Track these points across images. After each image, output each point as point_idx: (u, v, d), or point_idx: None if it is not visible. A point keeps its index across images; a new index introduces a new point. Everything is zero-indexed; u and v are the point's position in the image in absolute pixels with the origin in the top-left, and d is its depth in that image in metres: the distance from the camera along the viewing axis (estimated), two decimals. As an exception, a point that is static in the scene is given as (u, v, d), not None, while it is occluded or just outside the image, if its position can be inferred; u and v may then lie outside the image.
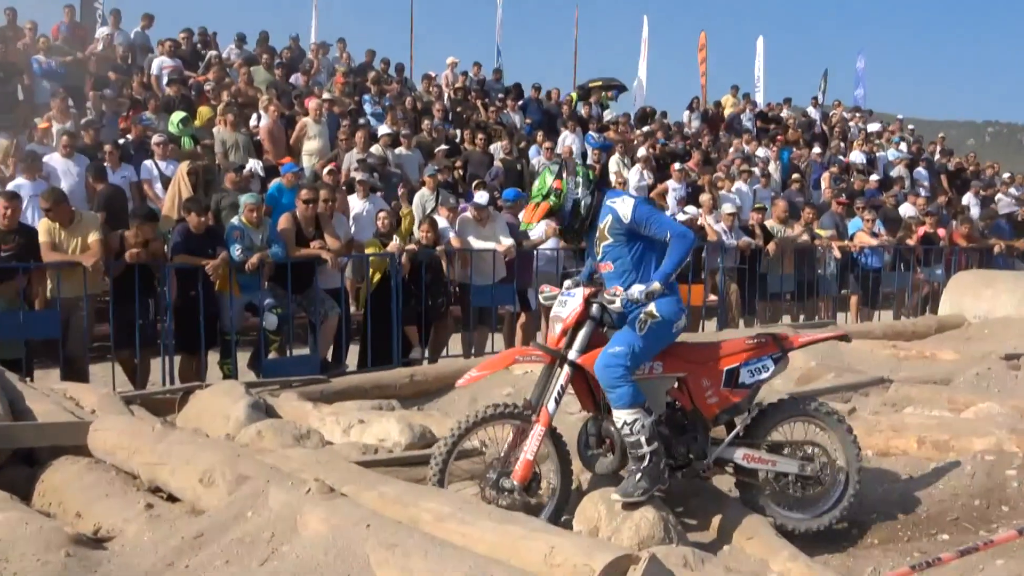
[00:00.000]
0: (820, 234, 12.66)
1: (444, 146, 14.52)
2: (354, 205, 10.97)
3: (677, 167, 15.13)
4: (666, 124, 19.86)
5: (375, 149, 13.15)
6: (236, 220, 8.62)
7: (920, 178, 19.74)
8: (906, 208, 15.69)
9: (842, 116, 23.61)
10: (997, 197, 19.17)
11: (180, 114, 12.69)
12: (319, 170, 12.01)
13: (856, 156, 19.85)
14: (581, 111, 18.85)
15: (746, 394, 4.84)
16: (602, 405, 4.69)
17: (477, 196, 10.51)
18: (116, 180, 10.71)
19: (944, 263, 13.52)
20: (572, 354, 4.65)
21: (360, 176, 11.29)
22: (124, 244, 8.08)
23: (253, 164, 11.58)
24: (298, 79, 16.30)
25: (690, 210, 12.05)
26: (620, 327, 4.67)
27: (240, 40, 17.34)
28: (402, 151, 13.72)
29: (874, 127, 23.18)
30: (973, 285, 11.09)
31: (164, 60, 15.03)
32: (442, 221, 10.08)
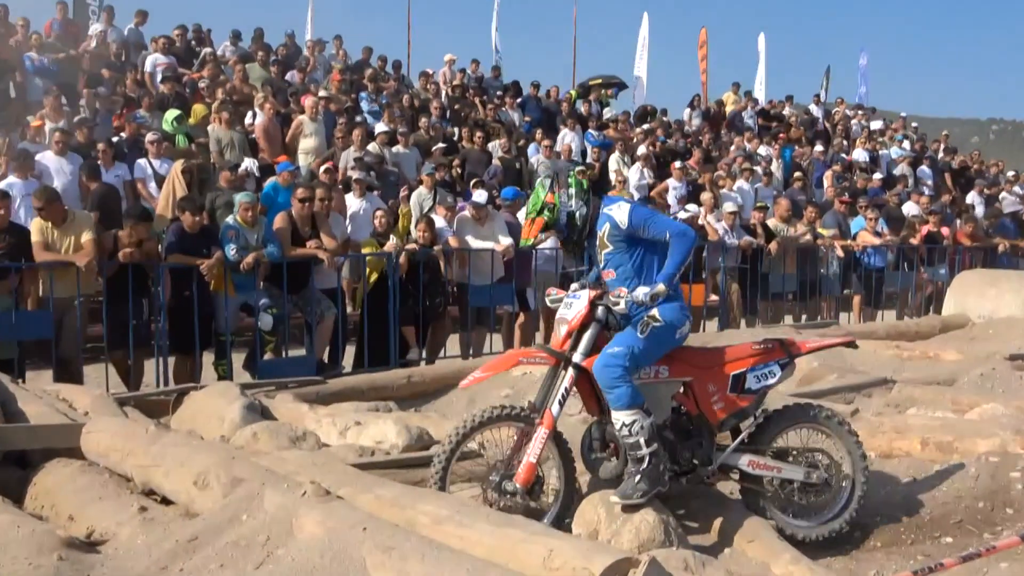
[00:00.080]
0: (823, 233, 12.67)
1: (441, 144, 14.52)
2: (350, 204, 10.98)
3: (677, 165, 15.14)
4: (666, 122, 19.87)
5: (372, 147, 13.15)
6: (231, 219, 8.61)
7: (924, 176, 19.75)
8: (909, 207, 15.70)
9: (845, 114, 23.62)
10: (1001, 195, 19.17)
11: (174, 112, 12.69)
12: (315, 169, 12.01)
13: (859, 154, 19.85)
14: (580, 109, 18.86)
15: (752, 400, 4.84)
16: (606, 409, 4.70)
17: (476, 195, 10.51)
18: (109, 179, 10.71)
19: (948, 262, 13.52)
20: (577, 356, 4.66)
21: (357, 175, 11.29)
22: (118, 244, 8.08)
23: (248, 163, 11.58)
24: (294, 76, 16.31)
25: (691, 208, 12.05)
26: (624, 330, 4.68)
27: (235, 37, 17.33)
28: (399, 149, 13.73)
29: (877, 125, 23.20)
30: (977, 285, 11.09)
31: (158, 57, 15.01)
32: (440, 220, 10.08)
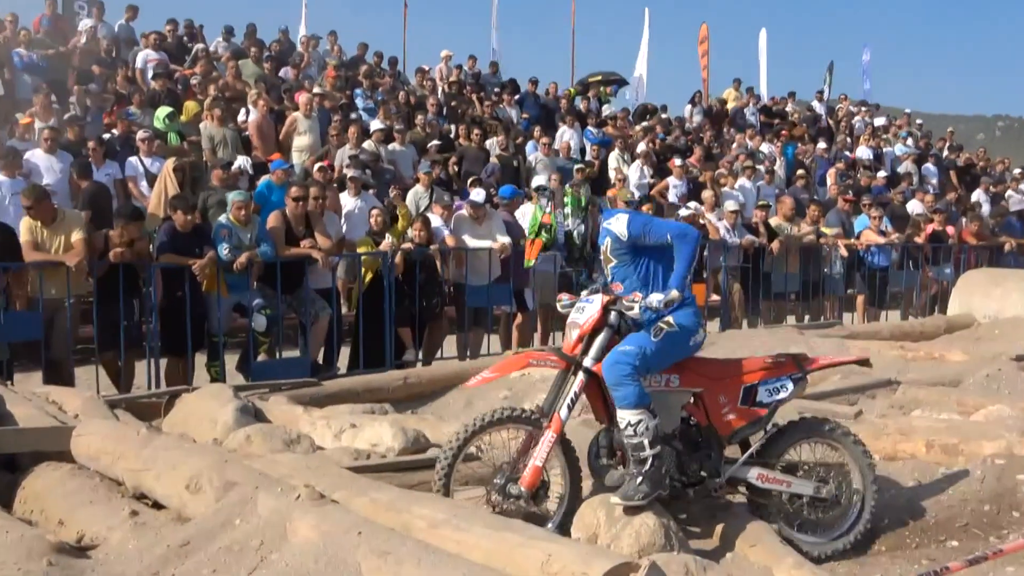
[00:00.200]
0: (825, 232, 12.68)
1: (436, 141, 14.51)
2: (345, 203, 10.95)
3: (678, 163, 15.14)
4: (666, 119, 19.88)
5: (367, 145, 13.15)
6: (224, 218, 8.61)
7: (928, 174, 19.77)
8: (914, 205, 15.72)
9: (848, 110, 23.64)
10: (1008, 193, 19.20)
11: (166, 109, 12.69)
12: (309, 167, 12.01)
13: (863, 152, 19.87)
14: (579, 106, 18.86)
15: (764, 413, 4.86)
16: (614, 415, 4.70)
17: (473, 194, 10.49)
18: (100, 177, 10.71)
19: (953, 262, 13.54)
20: (588, 361, 4.67)
21: (352, 173, 11.29)
22: (108, 243, 8.07)
23: (241, 160, 11.57)
24: (288, 73, 16.30)
25: (692, 205, 12.06)
26: None
27: (228, 33, 17.34)
28: (395, 147, 13.73)
29: (880, 121, 23.22)
30: (983, 284, 11.10)
31: (149, 53, 15.02)
32: (436, 219, 10.08)
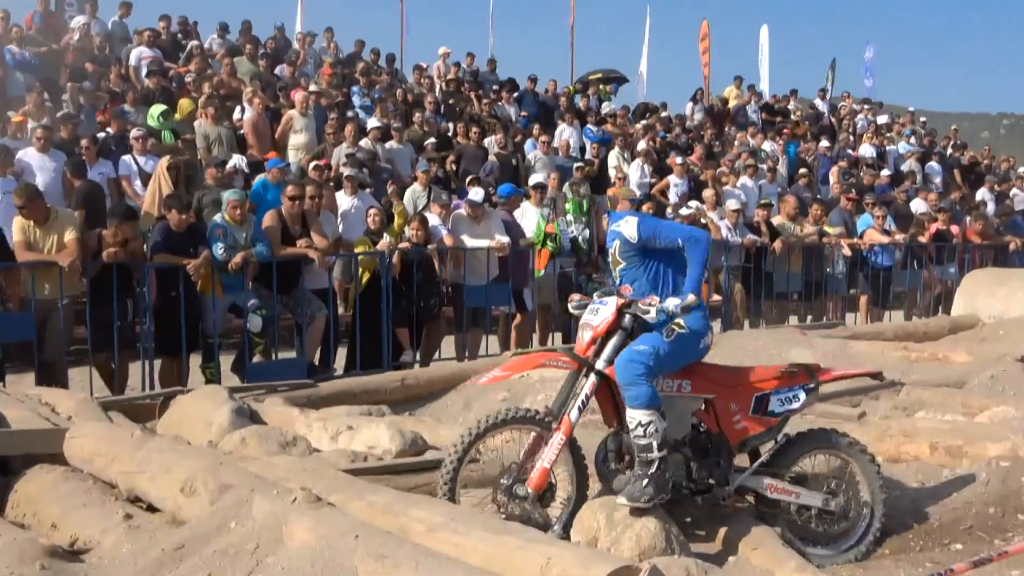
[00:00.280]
0: (828, 231, 12.68)
1: (432, 139, 14.51)
2: (342, 202, 10.95)
3: (678, 161, 15.13)
4: (667, 117, 19.89)
5: (364, 143, 13.14)
6: (219, 218, 8.60)
7: (932, 173, 19.79)
8: (918, 204, 15.72)
9: (851, 108, 23.65)
10: (1013, 192, 19.22)
11: (160, 107, 12.67)
12: (305, 165, 12.01)
13: (866, 150, 19.89)
14: (579, 103, 18.86)
15: (775, 423, 4.88)
16: (624, 419, 4.71)
17: (472, 193, 10.50)
18: (93, 176, 10.70)
19: (957, 261, 13.54)
20: (600, 363, 4.69)
21: (348, 171, 11.29)
22: (102, 243, 8.06)
23: (236, 159, 11.57)
24: (283, 70, 16.28)
25: (693, 204, 12.06)
26: None
27: (222, 29, 17.32)
28: (393, 145, 13.72)
29: (883, 120, 23.23)
30: (987, 284, 11.11)
31: (143, 51, 15.00)
32: (434, 218, 10.07)
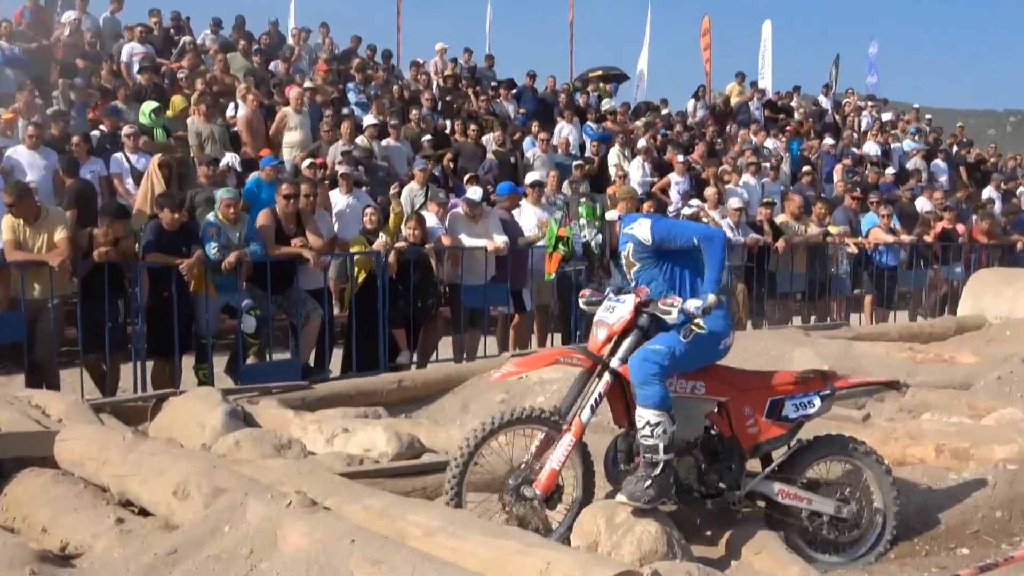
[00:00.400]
0: (831, 231, 12.69)
1: (429, 137, 14.51)
2: (337, 200, 10.95)
3: (680, 159, 15.14)
4: (667, 115, 19.89)
5: (360, 141, 13.14)
6: (212, 216, 8.60)
7: (938, 171, 19.79)
8: (923, 202, 15.74)
9: (855, 105, 23.66)
10: (1019, 190, 19.25)
11: (151, 104, 12.67)
12: (300, 163, 12.01)
13: (870, 147, 19.89)
14: (579, 100, 18.86)
15: (789, 428, 4.90)
16: (635, 420, 4.71)
17: (470, 192, 10.50)
18: (84, 174, 10.72)
19: (963, 261, 13.55)
20: (614, 362, 4.69)
21: (343, 169, 11.29)
22: (93, 242, 8.06)
23: (230, 157, 11.57)
24: (278, 66, 16.29)
25: (695, 203, 12.07)
26: None
27: (215, 25, 17.31)
28: (390, 143, 13.72)
29: (888, 117, 23.23)
30: (994, 284, 11.10)
31: (135, 46, 15.00)
32: (431, 217, 10.07)
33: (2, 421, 5.65)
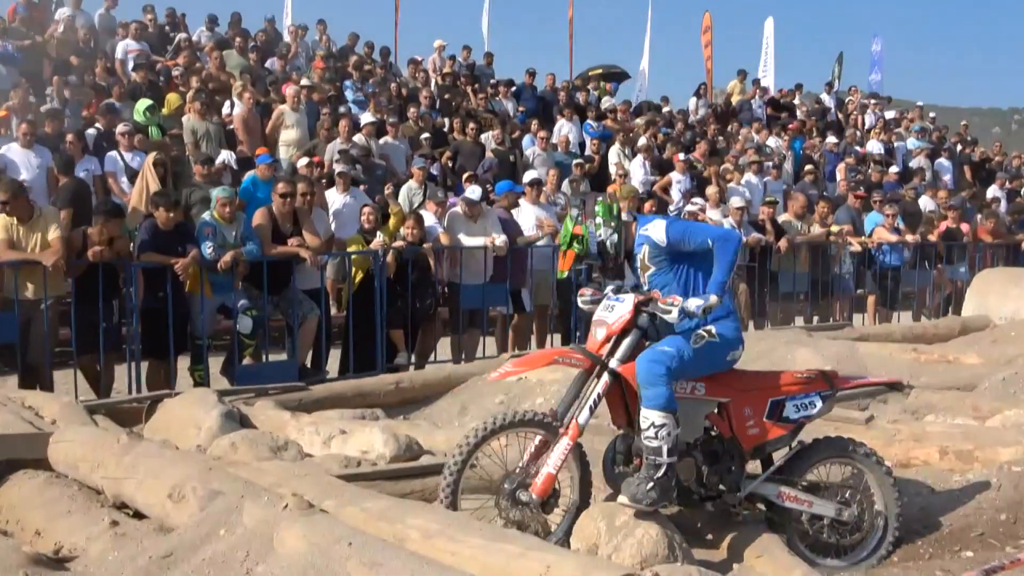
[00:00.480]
0: (833, 230, 12.68)
1: (428, 135, 14.51)
2: (334, 199, 10.95)
3: (681, 158, 15.14)
4: (668, 113, 19.89)
5: (358, 139, 13.14)
6: (207, 216, 8.60)
7: (942, 169, 19.79)
8: (927, 201, 15.75)
9: (859, 103, 23.66)
10: (1024, 190, 19.23)
11: (146, 102, 12.65)
12: (296, 162, 12.00)
13: (873, 146, 19.88)
14: (578, 98, 18.85)
15: (790, 429, 4.90)
16: (636, 421, 4.72)
17: (469, 191, 10.51)
18: (79, 173, 10.70)
19: (968, 260, 13.55)
20: (614, 362, 4.69)
21: (340, 168, 11.28)
22: (87, 241, 8.06)
23: (225, 155, 11.56)
24: (274, 64, 16.27)
25: (698, 201, 12.07)
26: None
27: (211, 22, 17.30)
28: (387, 141, 13.72)
29: (892, 115, 23.23)
30: (999, 284, 11.10)
31: (129, 43, 15.00)
32: (429, 217, 10.07)
33: (-5, 423, 5.65)
